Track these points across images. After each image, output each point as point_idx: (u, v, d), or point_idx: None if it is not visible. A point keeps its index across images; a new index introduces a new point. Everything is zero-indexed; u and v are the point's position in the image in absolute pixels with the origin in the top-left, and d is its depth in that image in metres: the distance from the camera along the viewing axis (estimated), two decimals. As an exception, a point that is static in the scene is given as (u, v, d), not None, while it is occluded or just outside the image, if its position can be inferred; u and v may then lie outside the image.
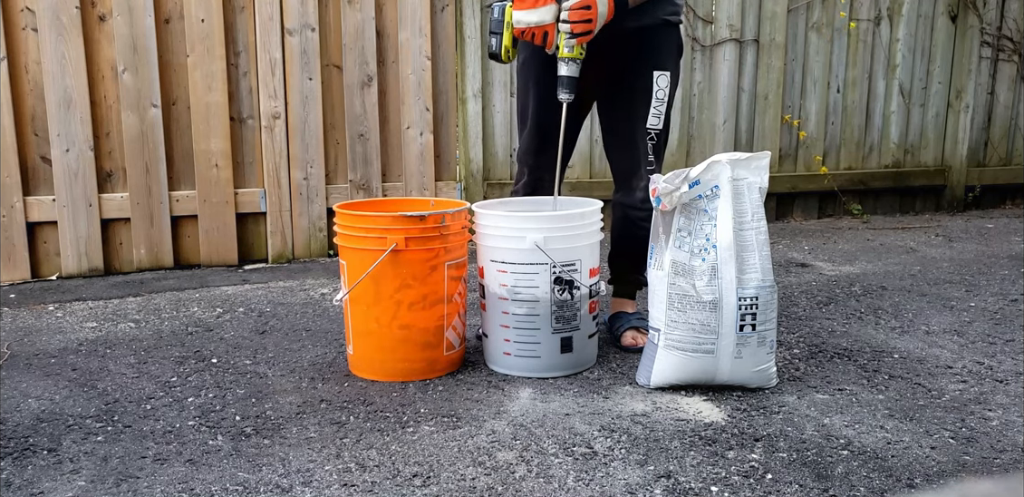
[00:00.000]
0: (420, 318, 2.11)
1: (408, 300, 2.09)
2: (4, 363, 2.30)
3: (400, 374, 2.14)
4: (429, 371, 2.15)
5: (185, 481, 1.63)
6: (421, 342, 2.12)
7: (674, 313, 2.00)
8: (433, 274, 2.09)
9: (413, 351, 2.12)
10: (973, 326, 2.60)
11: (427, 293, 2.10)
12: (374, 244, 2.05)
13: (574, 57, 2.12)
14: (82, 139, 3.21)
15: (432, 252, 2.08)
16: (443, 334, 2.15)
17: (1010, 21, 4.70)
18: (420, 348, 2.13)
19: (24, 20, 3.12)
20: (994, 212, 4.78)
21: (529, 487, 1.59)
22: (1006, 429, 1.85)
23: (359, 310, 2.13)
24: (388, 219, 2.06)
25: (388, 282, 2.07)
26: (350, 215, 2.11)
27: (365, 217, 2.10)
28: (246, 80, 3.43)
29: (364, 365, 2.17)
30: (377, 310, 2.10)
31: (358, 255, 2.09)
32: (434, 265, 2.09)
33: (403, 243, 2.03)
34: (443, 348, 2.16)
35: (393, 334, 2.11)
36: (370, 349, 2.15)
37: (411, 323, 2.10)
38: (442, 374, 2.18)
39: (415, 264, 2.07)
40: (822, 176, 4.44)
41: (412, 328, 2.11)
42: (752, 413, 1.93)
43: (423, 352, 2.13)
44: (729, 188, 1.95)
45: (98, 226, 3.28)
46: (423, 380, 2.13)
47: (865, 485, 1.61)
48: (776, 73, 4.30)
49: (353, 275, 2.10)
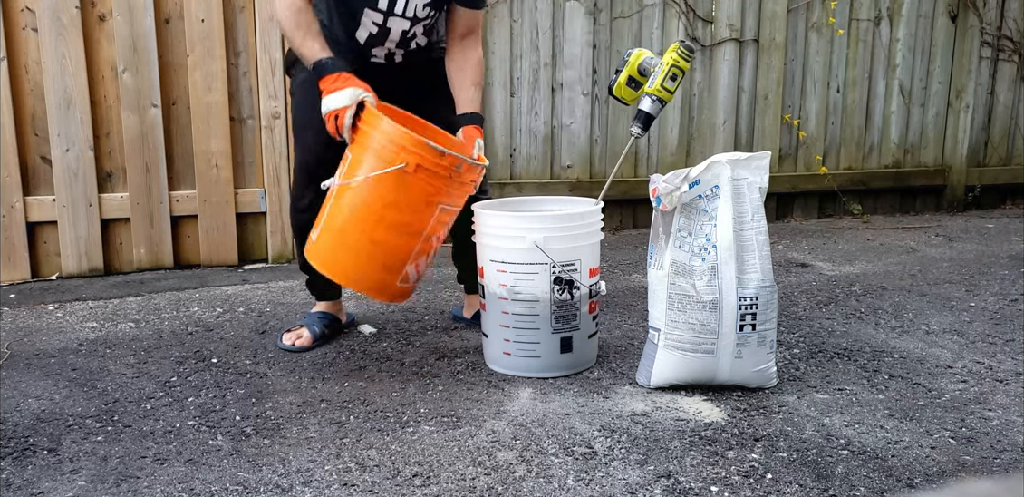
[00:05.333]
0: (392, 241, 2.06)
1: (390, 220, 2.04)
2: (4, 363, 2.30)
3: (347, 279, 2.11)
4: (376, 291, 2.13)
5: (185, 481, 1.63)
6: (381, 262, 2.08)
7: (674, 313, 2.00)
8: (425, 209, 2.06)
9: (371, 267, 2.09)
10: (973, 326, 2.60)
11: (411, 222, 2.06)
12: (385, 154, 2.00)
13: (664, 98, 2.15)
14: (82, 139, 3.21)
15: (434, 188, 2.03)
16: (405, 265, 2.10)
17: (1010, 21, 4.70)
18: (378, 268, 2.09)
19: (24, 20, 3.12)
20: (994, 212, 4.77)
21: (529, 487, 1.59)
22: (1006, 429, 1.85)
23: (341, 207, 2.07)
24: (411, 139, 1.99)
25: (382, 195, 2.03)
26: (376, 116, 2.02)
27: (389, 124, 2.01)
28: (246, 80, 3.43)
29: (321, 256, 2.11)
30: (359, 214, 2.05)
31: (366, 155, 2.03)
32: (430, 201, 2.05)
33: (412, 167, 1.98)
34: (398, 277, 2.11)
35: (361, 244, 2.06)
36: (333, 246, 2.10)
37: (382, 241, 2.06)
38: (383, 300, 2.17)
39: (413, 192, 2.03)
40: (822, 176, 4.44)
41: (380, 246, 2.06)
42: (752, 413, 1.93)
43: (379, 272, 2.09)
44: (729, 188, 1.95)
45: (98, 226, 3.28)
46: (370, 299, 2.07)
47: (865, 485, 1.61)
48: (776, 73, 4.30)
49: (351, 171, 2.04)
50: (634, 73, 2.21)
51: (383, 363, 2.29)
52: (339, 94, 2.03)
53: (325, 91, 2.06)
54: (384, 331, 2.56)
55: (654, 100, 2.16)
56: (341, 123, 2.02)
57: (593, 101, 4.04)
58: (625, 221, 4.23)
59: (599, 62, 4.03)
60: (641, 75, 2.21)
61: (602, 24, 4.00)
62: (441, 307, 2.82)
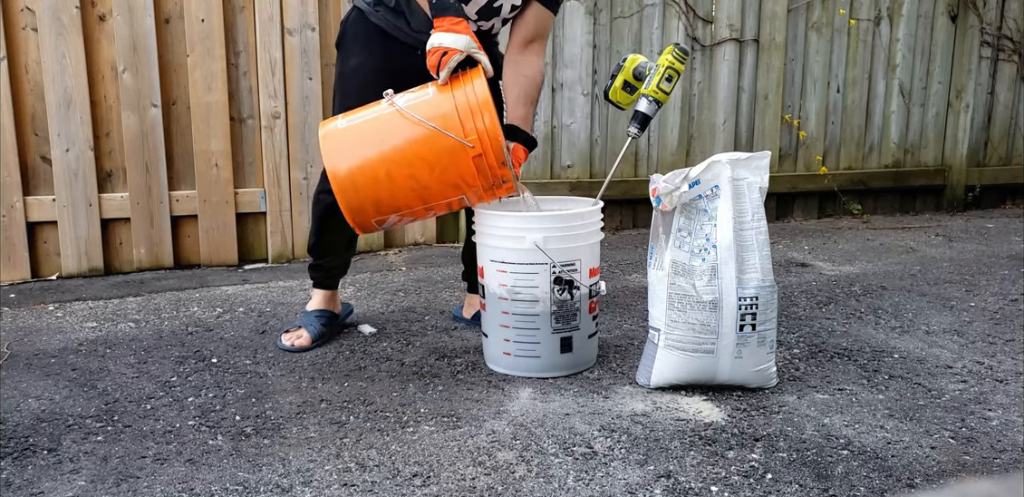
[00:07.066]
0: (401, 188, 2.00)
1: (415, 173, 1.98)
2: (4, 363, 2.30)
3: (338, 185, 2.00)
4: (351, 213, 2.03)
5: (185, 481, 1.63)
6: (377, 196, 2.01)
7: (674, 313, 2.00)
8: (449, 188, 2.01)
9: (366, 193, 2.00)
10: (973, 326, 2.60)
11: (429, 186, 2.00)
12: (464, 123, 1.94)
13: (659, 99, 2.17)
14: (82, 139, 3.21)
15: (472, 180, 1.99)
16: (393, 212, 2.05)
17: (1010, 21, 4.70)
18: (370, 198, 2.01)
19: (24, 20, 3.12)
20: (994, 212, 4.77)
21: (529, 487, 1.59)
22: (1006, 429, 1.85)
23: (386, 128, 2.00)
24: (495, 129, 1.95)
25: (426, 150, 1.97)
26: (484, 82, 1.97)
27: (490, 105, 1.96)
28: (246, 80, 3.43)
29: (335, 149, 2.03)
30: (392, 147, 1.99)
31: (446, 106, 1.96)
32: (459, 185, 2.00)
33: (473, 152, 1.94)
34: (377, 217, 2.06)
35: (374, 168, 1.99)
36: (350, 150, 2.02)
37: (392, 181, 2.00)
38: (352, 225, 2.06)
39: (453, 169, 1.97)
40: (822, 176, 4.44)
41: (386, 184, 2.00)
42: (752, 413, 1.93)
43: (367, 203, 2.02)
44: (729, 188, 1.95)
45: (98, 226, 3.28)
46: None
47: (865, 485, 1.61)
48: (776, 73, 4.30)
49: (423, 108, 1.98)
50: (629, 77, 2.23)
51: (383, 363, 2.29)
52: (456, 36, 1.97)
53: (441, 28, 2.00)
54: (384, 331, 2.56)
55: (650, 101, 2.17)
56: (446, 61, 1.96)
57: (593, 101, 4.04)
58: (625, 221, 4.23)
59: (599, 62, 4.03)
60: (636, 79, 2.23)
61: (602, 24, 4.00)
62: (441, 307, 2.82)
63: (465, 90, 1.98)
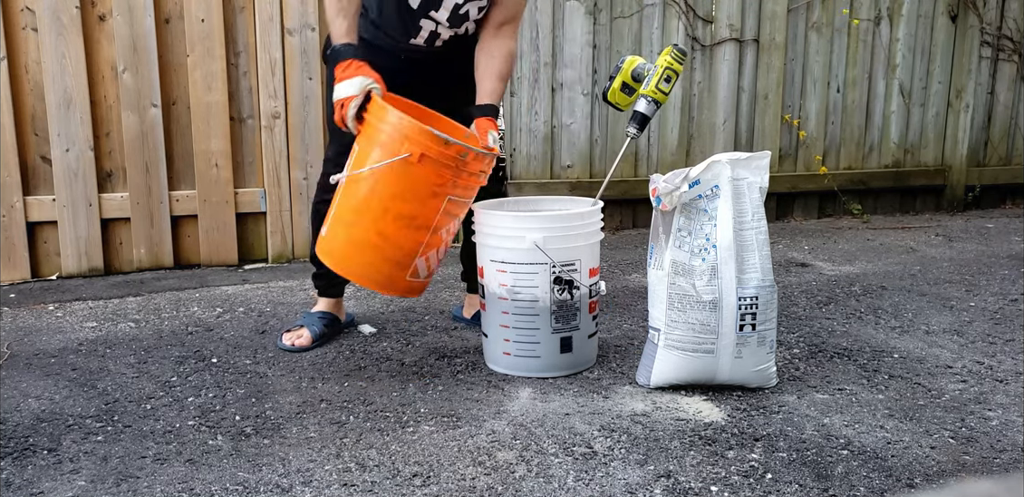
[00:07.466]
0: (399, 234, 2.04)
1: (396, 212, 2.02)
2: (4, 363, 2.30)
3: (356, 275, 2.08)
4: (386, 286, 2.10)
5: (185, 481, 1.63)
6: (389, 257, 2.05)
7: (674, 313, 2.00)
8: (431, 200, 2.03)
9: (379, 261, 2.06)
10: (973, 326, 2.60)
11: (417, 214, 2.03)
12: (391, 145, 1.98)
13: (658, 99, 2.18)
14: (82, 139, 3.21)
15: (441, 179, 2.00)
16: (414, 259, 2.07)
17: (1010, 21, 4.70)
18: (386, 262, 2.06)
19: (24, 20, 3.12)
20: (994, 212, 4.77)
21: (529, 487, 1.59)
22: (1006, 429, 1.85)
23: (348, 198, 2.06)
24: (416, 128, 1.97)
25: (386, 187, 2.01)
26: (381, 107, 2.00)
27: (395, 114, 2.00)
28: (246, 80, 3.43)
29: (330, 251, 2.10)
30: (364, 208, 2.03)
31: (372, 147, 2.01)
32: (436, 192, 2.02)
33: (416, 157, 1.96)
34: (408, 271, 2.08)
35: (368, 237, 2.04)
36: (341, 240, 2.08)
37: (389, 235, 2.03)
38: (395, 295, 2.10)
39: (419, 182, 2.00)
40: (822, 176, 4.44)
41: (388, 240, 2.04)
42: (752, 413, 1.93)
43: (387, 267, 2.06)
44: (729, 188, 1.95)
45: (98, 226, 3.27)
46: (380, 296, 2.03)
47: (865, 485, 1.61)
48: (776, 73, 4.30)
49: (358, 163, 2.03)
50: (628, 79, 2.24)
51: (383, 363, 2.29)
52: (348, 83, 2.02)
53: (337, 79, 2.05)
54: (384, 331, 2.56)
55: (649, 101, 2.18)
56: (345, 112, 2.02)
57: (593, 101, 4.04)
58: (625, 221, 4.23)
59: (599, 62, 4.03)
60: (635, 80, 2.24)
61: (602, 24, 4.00)
62: (441, 307, 2.82)
63: (376, 121, 2.01)
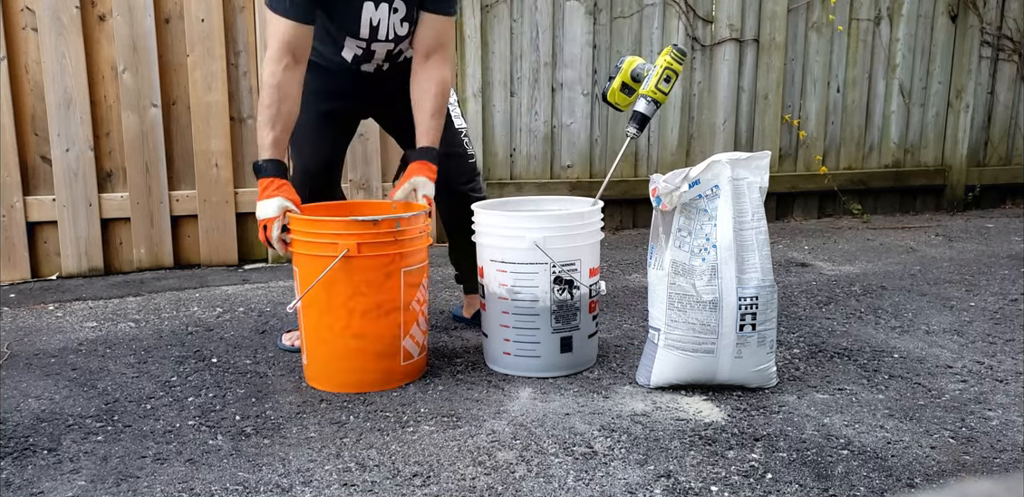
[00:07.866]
0: (374, 327, 2.03)
1: (361, 308, 2.01)
2: (4, 363, 2.30)
3: (355, 385, 2.06)
4: (386, 382, 2.08)
5: (185, 481, 1.63)
6: (375, 352, 2.05)
7: (674, 313, 2.00)
8: (388, 281, 2.02)
9: (367, 361, 2.05)
10: (973, 326, 2.60)
11: (382, 301, 2.02)
12: (325, 250, 1.97)
13: (658, 99, 2.19)
14: (82, 139, 3.21)
15: (387, 258, 2.00)
16: (399, 344, 2.07)
17: (1010, 21, 4.70)
18: (375, 358, 2.05)
19: (24, 20, 3.12)
20: (994, 212, 4.77)
21: (529, 487, 1.59)
22: (1006, 429, 1.85)
23: (311, 318, 2.06)
24: (339, 224, 1.98)
25: (340, 289, 1.99)
26: (301, 220, 2.03)
27: (315, 222, 2.02)
28: (246, 80, 3.43)
29: (318, 375, 2.10)
30: (329, 318, 2.02)
31: (310, 261, 2.01)
32: (389, 272, 2.01)
33: (355, 249, 1.95)
34: (400, 358, 2.08)
35: (346, 343, 2.03)
36: (323, 359, 2.07)
37: (365, 332, 2.03)
38: (400, 385, 2.09)
39: (369, 271, 1.99)
40: (822, 176, 4.44)
41: (366, 337, 2.03)
42: (752, 413, 1.93)
43: (378, 362, 2.06)
44: (729, 188, 1.95)
45: (98, 226, 3.28)
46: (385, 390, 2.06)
47: (865, 485, 1.61)
48: (776, 73, 4.30)
49: (305, 281, 2.02)
50: (627, 79, 2.24)
51: (383, 363, 2.29)
52: (268, 204, 2.05)
53: (259, 196, 2.08)
54: (384, 331, 2.56)
55: (649, 101, 2.18)
56: (268, 234, 2.05)
57: (593, 101, 4.04)
58: (625, 221, 4.23)
59: (599, 62, 4.03)
60: (634, 81, 2.24)
61: (602, 24, 4.00)
62: (441, 307, 2.82)
63: (303, 235, 2.03)
